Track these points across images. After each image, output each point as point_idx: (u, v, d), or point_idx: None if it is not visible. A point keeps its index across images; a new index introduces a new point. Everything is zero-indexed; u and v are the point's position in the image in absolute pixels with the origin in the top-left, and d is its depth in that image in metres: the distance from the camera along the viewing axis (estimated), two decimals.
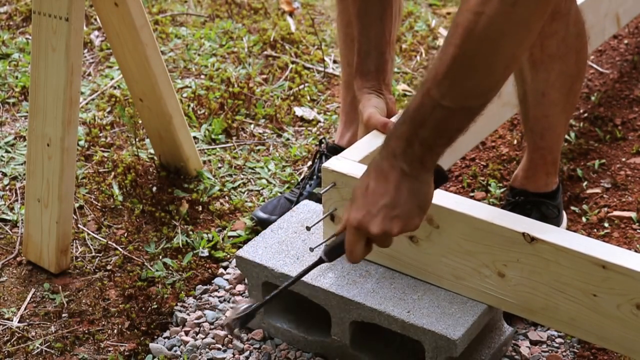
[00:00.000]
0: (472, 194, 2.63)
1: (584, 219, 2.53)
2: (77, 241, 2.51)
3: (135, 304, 2.28)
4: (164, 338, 2.21)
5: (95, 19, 3.56)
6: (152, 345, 2.18)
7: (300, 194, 2.52)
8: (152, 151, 2.79)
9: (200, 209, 2.62)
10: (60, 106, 2.27)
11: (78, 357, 2.16)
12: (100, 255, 2.46)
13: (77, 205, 2.61)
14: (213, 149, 2.88)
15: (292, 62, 3.34)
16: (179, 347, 2.17)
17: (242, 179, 2.76)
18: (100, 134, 2.94)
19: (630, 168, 2.74)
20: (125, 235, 2.52)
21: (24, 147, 2.86)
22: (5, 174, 2.77)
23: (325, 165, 2.01)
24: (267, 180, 2.75)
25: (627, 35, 3.45)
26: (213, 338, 2.18)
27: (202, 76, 3.26)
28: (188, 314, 2.26)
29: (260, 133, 2.96)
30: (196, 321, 2.23)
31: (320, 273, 2.04)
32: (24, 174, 2.69)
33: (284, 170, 2.78)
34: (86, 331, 2.22)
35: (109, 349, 2.18)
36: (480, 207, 1.92)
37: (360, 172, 1.97)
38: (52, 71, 2.27)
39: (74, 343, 2.19)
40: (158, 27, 3.56)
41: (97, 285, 2.36)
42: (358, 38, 2.16)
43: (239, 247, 2.24)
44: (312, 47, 3.44)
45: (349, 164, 2.00)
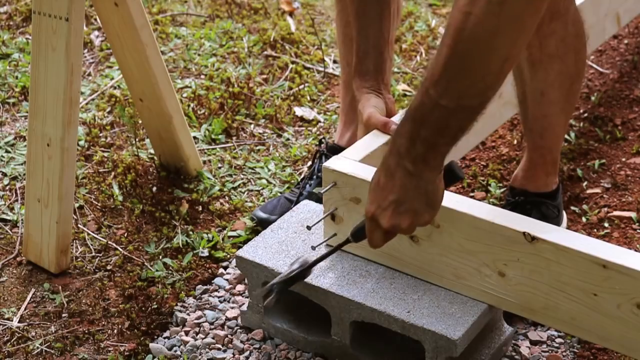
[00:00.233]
0: (472, 194, 2.63)
1: (584, 219, 2.53)
2: (77, 241, 2.51)
3: (135, 304, 2.28)
4: (164, 338, 2.21)
5: (95, 19, 3.56)
6: (152, 345, 2.17)
7: (300, 193, 2.52)
8: (152, 151, 2.79)
9: (200, 209, 2.61)
10: (60, 106, 2.27)
11: (78, 357, 2.15)
12: (100, 255, 2.46)
13: (77, 205, 2.61)
14: (213, 149, 2.88)
15: (292, 62, 3.34)
16: (179, 347, 2.17)
17: (242, 179, 2.76)
18: (100, 134, 2.94)
19: (630, 168, 2.74)
20: (125, 235, 2.52)
21: (24, 147, 2.85)
22: (5, 174, 2.77)
23: (326, 164, 2.01)
24: (267, 180, 2.75)
25: (627, 35, 3.45)
26: (213, 338, 2.18)
27: (202, 76, 3.26)
28: (188, 314, 2.26)
29: (260, 133, 2.96)
30: (196, 321, 2.23)
31: (320, 273, 2.04)
32: (24, 174, 2.69)
33: (284, 170, 2.78)
34: (86, 331, 2.22)
35: (109, 349, 2.17)
36: (481, 206, 1.92)
37: (360, 171, 1.98)
38: (52, 71, 2.27)
39: (74, 343, 2.19)
40: (158, 27, 3.56)
41: (97, 285, 2.36)
42: (356, 38, 2.16)
43: (239, 247, 2.24)
44: (312, 47, 3.44)
45: (350, 164, 2.00)
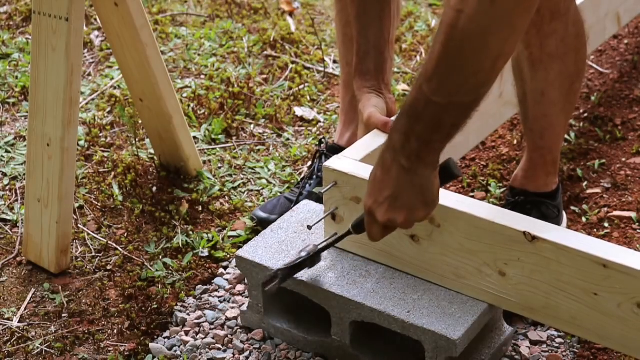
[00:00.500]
0: (472, 194, 2.63)
1: (584, 219, 2.53)
2: (77, 241, 2.51)
3: (135, 304, 2.28)
4: (164, 338, 2.21)
5: (95, 19, 3.56)
6: (152, 345, 2.17)
7: (300, 193, 2.52)
8: (152, 151, 2.79)
9: (200, 209, 2.61)
10: (60, 106, 2.27)
11: (78, 357, 2.15)
12: (100, 255, 2.46)
13: (77, 205, 2.60)
14: (213, 149, 2.88)
15: (292, 62, 3.34)
16: (179, 347, 2.17)
17: (242, 179, 2.76)
18: (100, 134, 2.94)
19: (630, 168, 2.74)
20: (125, 235, 2.52)
21: (24, 147, 2.85)
22: (5, 174, 2.77)
23: (327, 164, 2.01)
24: (267, 180, 2.75)
25: (627, 35, 3.45)
26: (213, 338, 2.18)
27: (202, 76, 3.26)
28: (188, 314, 2.26)
29: (260, 133, 2.96)
30: (196, 321, 2.23)
31: (320, 273, 2.04)
32: (24, 174, 2.69)
33: (284, 170, 2.78)
34: (86, 331, 2.22)
35: (109, 349, 2.17)
36: (481, 206, 1.92)
37: (361, 171, 1.98)
38: (52, 71, 2.27)
39: (74, 343, 2.19)
40: (158, 27, 3.55)
41: (97, 285, 2.36)
42: (357, 38, 2.16)
43: (239, 247, 2.24)
44: (312, 47, 3.44)
45: (350, 163, 2.00)
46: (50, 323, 2.25)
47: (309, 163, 2.77)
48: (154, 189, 2.68)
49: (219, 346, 2.16)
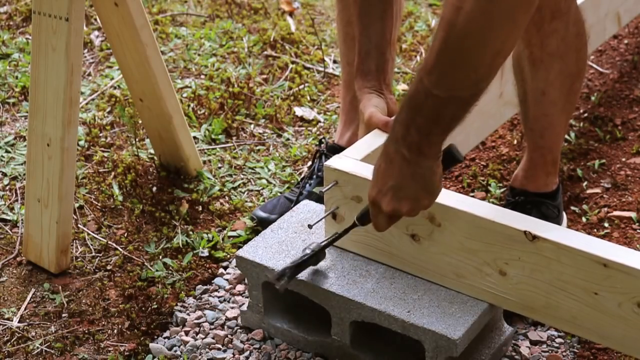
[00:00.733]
0: (472, 194, 2.63)
1: (584, 219, 2.53)
2: (77, 241, 2.51)
3: (135, 304, 2.28)
4: (164, 338, 2.21)
5: (95, 19, 3.56)
6: (152, 345, 2.17)
7: (300, 193, 2.52)
8: (152, 151, 2.79)
9: (200, 209, 2.61)
10: (60, 106, 2.27)
11: (78, 357, 2.15)
12: (100, 255, 2.46)
13: (77, 205, 2.60)
14: (213, 149, 2.88)
15: (292, 62, 3.33)
16: (179, 347, 2.17)
17: (242, 179, 2.76)
18: (100, 134, 2.94)
19: (630, 168, 2.74)
20: (125, 235, 2.52)
21: (24, 147, 2.85)
22: (5, 174, 2.76)
23: (327, 163, 2.01)
24: (267, 180, 2.74)
25: (627, 35, 3.45)
26: (213, 338, 2.18)
27: (202, 76, 3.26)
28: (188, 314, 2.26)
29: (260, 133, 2.96)
30: (196, 321, 2.23)
31: (320, 273, 2.04)
32: (24, 174, 2.69)
33: (284, 170, 2.78)
34: (86, 331, 2.22)
35: (109, 349, 2.17)
36: (482, 205, 1.92)
37: (362, 170, 1.98)
38: (52, 71, 2.27)
39: (74, 343, 2.19)
40: (158, 27, 3.55)
41: (97, 285, 2.36)
42: (359, 38, 2.16)
43: (239, 247, 2.24)
44: (312, 47, 3.44)
45: (351, 163, 2.01)
46: (50, 323, 2.25)
47: (309, 163, 2.77)
48: (154, 189, 2.68)
49: (219, 346, 2.16)
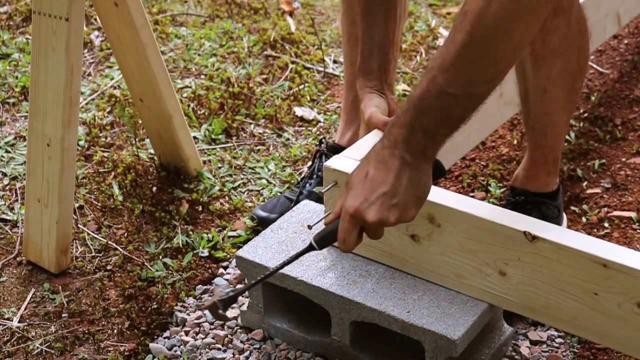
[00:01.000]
0: (472, 194, 2.63)
1: (584, 219, 2.53)
2: (77, 241, 2.51)
3: (135, 304, 2.28)
4: (164, 338, 2.21)
5: (95, 19, 3.56)
6: (152, 345, 2.17)
7: (300, 193, 2.52)
8: (152, 151, 2.79)
9: (200, 209, 2.61)
10: (60, 106, 2.27)
11: (78, 357, 2.15)
12: (100, 255, 2.46)
13: (77, 205, 2.60)
14: (213, 149, 2.88)
15: (292, 62, 3.33)
16: (179, 347, 2.17)
17: (242, 179, 2.76)
18: (100, 134, 2.94)
19: (630, 168, 2.74)
20: (125, 235, 2.52)
21: (24, 147, 2.85)
22: (5, 174, 2.77)
23: (327, 164, 2.01)
24: (267, 180, 2.74)
25: (627, 35, 3.45)
26: (213, 338, 2.18)
27: (202, 76, 3.26)
28: (188, 314, 2.26)
29: (260, 133, 2.96)
30: (196, 321, 2.23)
31: (320, 273, 2.04)
32: (24, 174, 2.69)
33: (284, 170, 2.78)
34: (86, 331, 2.22)
35: (109, 349, 2.17)
36: (482, 205, 1.92)
37: None
38: (52, 71, 2.27)
39: (74, 343, 2.19)
40: (158, 27, 3.55)
41: (97, 285, 2.36)
42: (362, 37, 2.16)
43: (239, 247, 2.24)
44: (312, 47, 3.44)
45: (351, 163, 2.00)
46: (50, 323, 2.25)
47: (309, 163, 2.77)
48: (154, 189, 2.68)
49: (219, 346, 2.16)
